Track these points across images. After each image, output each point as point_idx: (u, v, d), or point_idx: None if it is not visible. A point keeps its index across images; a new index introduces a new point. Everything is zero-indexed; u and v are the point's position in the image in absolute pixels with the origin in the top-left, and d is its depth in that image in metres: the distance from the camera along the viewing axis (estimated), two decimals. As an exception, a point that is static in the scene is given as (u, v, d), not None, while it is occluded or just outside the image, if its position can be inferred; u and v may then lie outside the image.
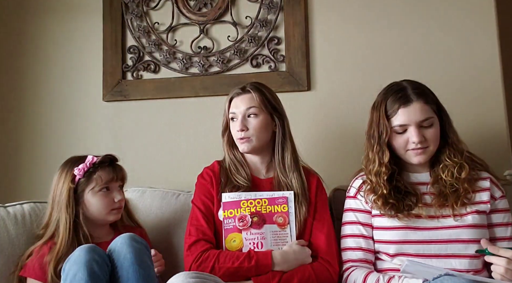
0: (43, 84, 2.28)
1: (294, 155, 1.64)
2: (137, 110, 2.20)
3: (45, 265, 1.48)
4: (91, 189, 1.56)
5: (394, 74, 1.98)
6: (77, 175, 1.56)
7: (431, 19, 2.02)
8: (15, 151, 2.25)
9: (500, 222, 1.46)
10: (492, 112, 1.93)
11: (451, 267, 1.38)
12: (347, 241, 1.54)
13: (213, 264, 1.45)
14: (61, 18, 2.29)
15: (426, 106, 1.46)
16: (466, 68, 1.97)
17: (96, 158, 1.59)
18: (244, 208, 1.54)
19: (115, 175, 1.60)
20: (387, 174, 1.49)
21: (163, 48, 2.21)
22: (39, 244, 1.55)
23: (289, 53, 2.09)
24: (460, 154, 1.48)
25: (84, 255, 1.28)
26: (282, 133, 1.63)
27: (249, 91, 1.61)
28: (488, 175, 1.51)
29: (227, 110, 1.64)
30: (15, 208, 1.70)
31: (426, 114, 1.46)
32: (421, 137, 1.45)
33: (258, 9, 2.14)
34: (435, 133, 1.47)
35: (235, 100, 1.63)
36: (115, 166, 1.63)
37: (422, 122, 1.45)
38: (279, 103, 1.66)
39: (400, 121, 1.46)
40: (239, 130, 1.58)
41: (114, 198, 1.59)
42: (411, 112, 1.45)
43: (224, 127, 1.67)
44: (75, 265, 1.27)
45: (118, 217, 1.62)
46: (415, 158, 1.48)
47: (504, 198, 1.50)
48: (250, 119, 1.59)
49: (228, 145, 1.67)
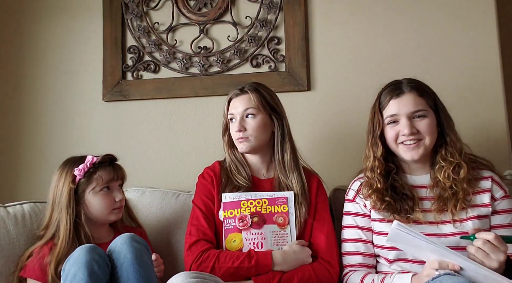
0: (43, 84, 2.28)
1: (294, 154, 1.64)
2: (137, 110, 2.20)
3: (45, 266, 1.47)
4: (92, 189, 1.56)
5: (394, 74, 1.97)
6: (78, 175, 1.55)
7: (431, 19, 2.02)
8: (15, 151, 2.25)
9: (502, 224, 1.40)
10: (492, 112, 1.93)
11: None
12: (346, 245, 1.54)
13: (213, 264, 1.45)
14: (61, 18, 2.30)
15: (419, 99, 1.43)
16: (466, 68, 1.97)
17: (95, 157, 1.59)
18: (244, 208, 1.55)
19: (115, 174, 1.60)
20: (381, 168, 1.47)
21: (163, 48, 2.21)
22: (40, 245, 1.54)
23: (289, 53, 2.09)
24: (458, 153, 1.43)
25: (84, 255, 1.28)
26: (281, 133, 1.63)
27: (247, 92, 1.62)
28: (490, 174, 1.46)
29: (226, 111, 1.65)
30: (15, 208, 1.70)
31: (419, 106, 1.43)
32: (412, 129, 1.41)
33: (258, 9, 2.14)
34: (428, 125, 1.42)
35: (233, 101, 1.63)
36: (114, 165, 1.63)
37: (413, 113, 1.42)
38: (278, 104, 1.65)
39: (391, 112, 1.45)
40: (237, 131, 1.59)
41: (115, 197, 1.59)
42: (402, 103, 1.43)
43: (224, 128, 1.68)
44: (75, 265, 1.27)
45: (119, 216, 1.62)
46: (408, 153, 1.44)
47: (508, 197, 1.43)
48: (248, 119, 1.59)
49: (228, 145, 1.68)
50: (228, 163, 1.66)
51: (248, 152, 1.62)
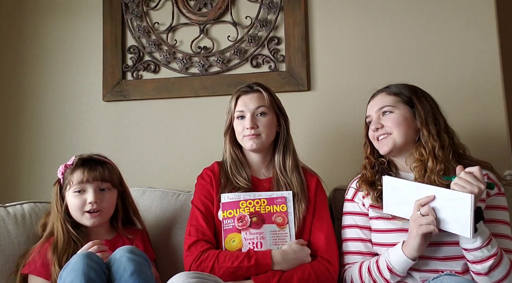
0: (43, 84, 2.28)
1: (295, 155, 1.66)
2: (137, 110, 2.20)
3: (47, 263, 1.48)
4: (67, 190, 1.57)
5: (394, 73, 1.99)
6: (59, 176, 1.59)
7: (431, 19, 2.02)
8: (15, 151, 2.26)
9: (493, 219, 1.41)
10: (492, 112, 1.93)
11: (451, 269, 1.37)
12: (347, 244, 1.55)
13: (213, 264, 1.45)
14: (61, 18, 2.30)
15: (388, 97, 1.54)
16: (466, 68, 1.97)
17: (76, 157, 1.60)
18: (243, 208, 1.55)
19: (87, 176, 1.54)
20: (371, 164, 1.57)
21: (163, 48, 2.21)
22: (41, 241, 1.55)
23: (289, 53, 2.09)
24: (430, 149, 1.46)
25: (82, 262, 1.27)
26: (286, 133, 1.65)
27: (258, 91, 1.63)
28: (485, 172, 1.47)
29: (233, 108, 1.64)
30: (15, 208, 1.70)
31: (385, 103, 1.53)
32: (377, 124, 1.52)
33: (258, 9, 2.14)
34: (395, 120, 1.50)
35: (243, 99, 1.63)
36: (92, 166, 1.57)
37: (380, 109, 1.53)
38: (282, 105, 1.68)
39: (367, 113, 1.59)
40: (249, 127, 1.58)
41: (86, 199, 1.54)
42: (373, 102, 1.58)
43: (228, 126, 1.67)
44: (72, 273, 1.26)
45: (94, 222, 1.55)
46: (380, 147, 1.53)
47: (501, 195, 1.46)
48: (259, 117, 1.60)
49: (231, 144, 1.66)
50: (228, 163, 1.66)
51: (256, 150, 1.62)
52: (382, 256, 1.43)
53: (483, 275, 1.31)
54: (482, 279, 1.32)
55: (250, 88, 1.64)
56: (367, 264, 1.46)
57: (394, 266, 1.37)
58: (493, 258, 1.28)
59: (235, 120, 1.64)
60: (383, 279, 1.41)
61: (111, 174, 1.61)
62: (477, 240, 1.28)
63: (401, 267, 1.37)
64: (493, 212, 1.42)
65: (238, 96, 1.64)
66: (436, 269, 1.38)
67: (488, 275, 1.30)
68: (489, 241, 1.29)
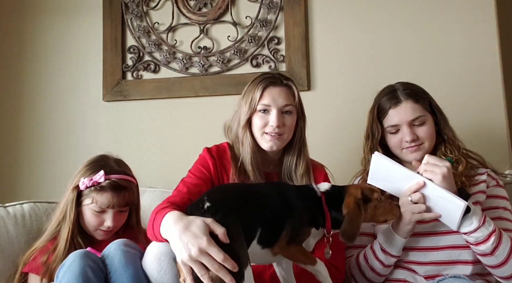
0: (43, 84, 2.28)
1: (307, 161, 1.53)
2: (137, 110, 2.20)
3: (48, 263, 1.47)
4: (86, 203, 1.54)
5: (394, 73, 1.98)
6: (80, 186, 1.54)
7: (431, 18, 2.02)
8: (15, 150, 2.25)
9: (492, 206, 1.44)
10: (492, 112, 1.93)
11: (460, 272, 1.37)
12: (350, 250, 1.53)
13: None
14: (61, 18, 2.30)
15: (416, 105, 1.49)
16: (466, 67, 1.97)
17: (105, 176, 1.53)
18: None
19: (113, 202, 1.53)
20: None
21: (163, 48, 2.21)
22: (44, 241, 1.55)
23: (289, 53, 2.09)
24: (457, 149, 1.50)
25: (79, 261, 1.26)
26: (302, 136, 1.53)
27: (288, 86, 1.48)
28: (485, 170, 1.52)
29: (258, 100, 1.44)
30: (15, 208, 1.70)
31: (417, 113, 1.48)
32: (413, 136, 1.47)
33: (258, 9, 2.14)
34: (428, 131, 1.49)
35: (271, 91, 1.45)
36: (119, 192, 1.54)
37: (413, 121, 1.48)
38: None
39: (392, 122, 1.50)
40: (275, 125, 1.43)
41: (104, 222, 1.54)
42: (401, 112, 1.49)
43: (247, 119, 1.47)
44: (69, 272, 1.24)
45: (105, 237, 1.56)
46: (411, 155, 1.49)
47: (500, 186, 1.50)
48: (285, 115, 1.46)
49: (252, 137, 1.47)
50: (249, 157, 1.46)
51: (275, 151, 1.48)
52: (375, 242, 1.44)
53: (490, 255, 1.31)
54: (489, 260, 1.32)
55: (279, 80, 1.47)
56: (362, 254, 1.47)
57: (386, 247, 1.39)
58: (494, 234, 1.29)
59: (256, 113, 1.46)
60: (379, 262, 1.41)
61: (133, 198, 1.60)
62: (473, 221, 1.29)
63: (396, 247, 1.39)
64: (492, 200, 1.46)
65: (265, 87, 1.45)
66: (441, 261, 1.40)
67: (493, 255, 1.31)
68: (484, 219, 1.30)
